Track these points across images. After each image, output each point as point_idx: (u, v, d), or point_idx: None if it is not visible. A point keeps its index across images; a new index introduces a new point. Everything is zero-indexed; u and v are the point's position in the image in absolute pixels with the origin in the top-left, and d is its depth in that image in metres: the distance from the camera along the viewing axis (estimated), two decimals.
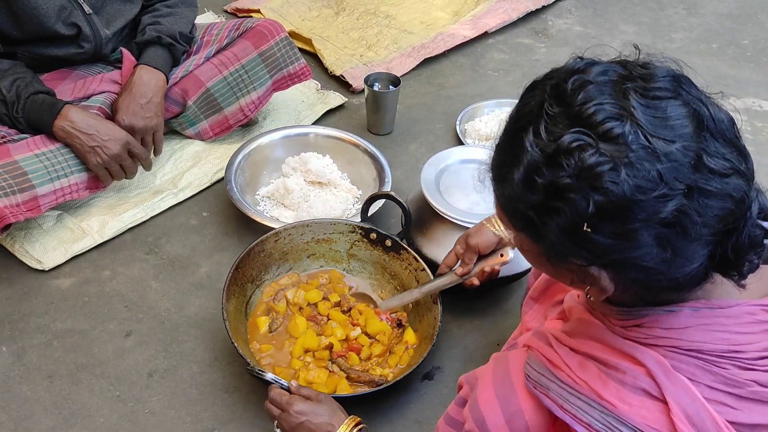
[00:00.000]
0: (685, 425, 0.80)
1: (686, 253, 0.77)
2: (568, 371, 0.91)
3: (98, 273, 1.68)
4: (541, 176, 0.77)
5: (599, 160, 0.73)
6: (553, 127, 0.77)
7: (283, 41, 1.97)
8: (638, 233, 0.75)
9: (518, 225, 0.85)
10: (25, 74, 1.68)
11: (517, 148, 0.80)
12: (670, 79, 0.78)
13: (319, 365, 1.43)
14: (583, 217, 0.75)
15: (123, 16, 1.84)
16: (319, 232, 1.63)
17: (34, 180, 1.60)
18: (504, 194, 0.84)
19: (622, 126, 0.73)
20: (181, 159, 1.97)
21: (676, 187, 0.73)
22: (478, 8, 2.71)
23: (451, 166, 1.65)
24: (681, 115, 0.75)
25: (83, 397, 1.43)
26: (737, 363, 0.83)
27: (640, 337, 0.87)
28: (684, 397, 0.81)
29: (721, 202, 0.76)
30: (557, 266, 0.86)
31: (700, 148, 0.75)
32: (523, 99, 0.84)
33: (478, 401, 0.98)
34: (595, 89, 0.76)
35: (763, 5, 3.00)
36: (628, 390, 0.84)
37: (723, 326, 0.84)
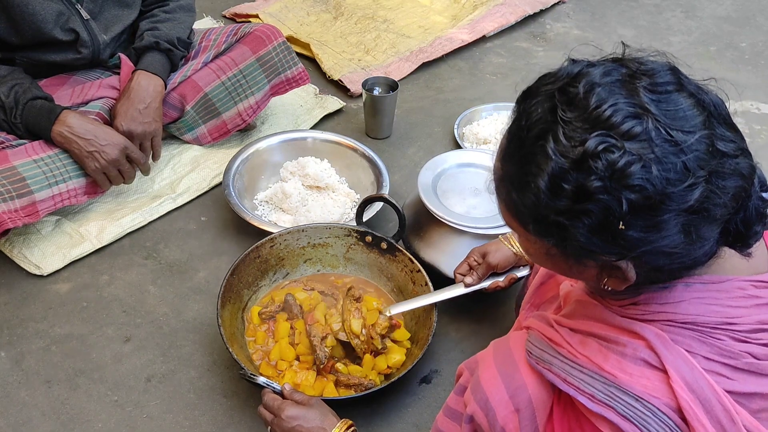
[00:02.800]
0: (684, 392, 0.82)
1: (705, 235, 0.81)
2: (569, 348, 0.93)
3: (96, 278, 1.69)
4: (567, 182, 0.78)
5: (629, 160, 0.75)
6: (572, 132, 0.78)
7: (280, 46, 1.97)
8: (667, 223, 0.77)
9: (542, 232, 0.84)
10: (23, 80, 1.68)
11: (537, 157, 0.80)
12: (671, 73, 0.80)
13: (305, 368, 1.43)
14: (617, 216, 0.76)
15: (121, 21, 1.84)
16: (315, 236, 1.63)
17: (32, 185, 1.61)
18: (525, 204, 0.83)
19: (642, 123, 0.75)
20: (180, 164, 1.97)
21: (699, 174, 0.76)
22: (476, 12, 2.71)
23: (449, 170, 1.65)
24: (690, 106, 0.78)
25: (81, 402, 1.43)
26: (731, 335, 0.85)
27: (637, 314, 0.90)
28: (683, 366, 0.84)
29: (735, 182, 0.79)
30: (581, 264, 0.86)
31: (712, 134, 0.78)
32: (525, 108, 0.84)
33: (481, 381, 1.00)
34: (605, 91, 0.78)
35: (761, 8, 3.01)
36: (628, 361, 0.86)
37: (716, 300, 0.87)
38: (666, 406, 0.83)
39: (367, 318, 1.44)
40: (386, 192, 1.80)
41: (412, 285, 1.56)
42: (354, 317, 1.43)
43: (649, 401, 0.83)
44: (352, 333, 1.42)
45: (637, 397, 0.84)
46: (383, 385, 1.37)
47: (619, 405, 0.84)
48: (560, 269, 0.92)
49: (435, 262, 1.57)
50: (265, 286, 1.60)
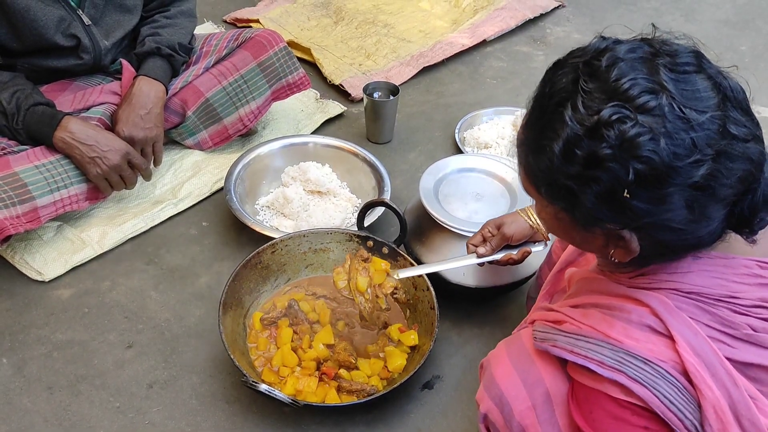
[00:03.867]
0: (690, 355, 0.86)
1: (710, 213, 0.84)
2: (572, 321, 0.96)
3: (98, 284, 1.69)
4: (580, 148, 0.82)
5: (639, 131, 0.78)
6: (591, 102, 0.82)
7: (281, 51, 1.98)
8: (672, 197, 0.81)
9: (554, 196, 0.89)
10: (25, 86, 1.68)
11: (555, 123, 0.84)
12: (693, 55, 0.84)
13: (307, 374, 1.43)
14: (623, 185, 0.80)
15: (122, 27, 1.85)
16: (316, 242, 1.63)
17: (34, 191, 1.61)
18: (540, 167, 0.88)
19: (657, 99, 0.79)
20: (181, 169, 1.97)
21: (707, 153, 0.79)
22: (476, 17, 2.72)
23: (450, 175, 1.65)
24: (707, 88, 0.82)
25: (83, 409, 1.43)
26: (732, 307, 0.89)
27: (644, 283, 0.93)
28: (687, 331, 0.87)
29: (742, 165, 0.82)
30: (588, 232, 0.90)
31: (725, 116, 0.81)
32: (551, 77, 0.88)
33: (495, 376, 1.02)
34: (626, 65, 0.82)
35: (760, 11, 3.01)
36: (634, 327, 0.89)
37: (721, 274, 0.90)
38: (674, 369, 0.86)
39: (374, 277, 1.43)
40: (387, 197, 1.80)
41: (413, 290, 1.56)
42: (361, 275, 1.42)
43: (658, 364, 0.86)
44: (358, 290, 1.41)
45: (646, 360, 0.87)
46: (385, 390, 1.37)
47: (630, 369, 0.87)
48: (570, 237, 0.96)
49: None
50: (266, 291, 1.60)
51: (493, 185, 1.63)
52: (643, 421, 0.87)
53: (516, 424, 0.99)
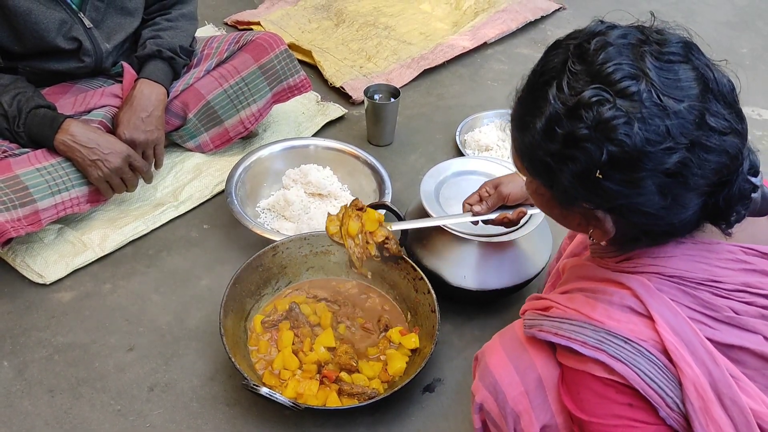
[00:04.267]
0: (669, 334, 0.88)
1: (683, 201, 0.86)
2: (557, 306, 0.99)
3: (99, 286, 1.69)
4: (561, 126, 0.85)
5: (615, 114, 0.81)
6: (575, 83, 0.84)
7: (282, 54, 1.98)
8: (644, 181, 0.83)
9: (535, 171, 0.93)
10: (26, 89, 1.68)
11: (540, 101, 0.87)
12: (682, 45, 0.86)
13: (308, 377, 1.43)
14: (597, 165, 0.83)
15: (123, 29, 1.85)
16: (317, 244, 1.63)
17: (35, 194, 1.61)
18: (524, 142, 0.92)
19: (637, 85, 0.81)
20: (182, 172, 1.98)
21: (680, 141, 0.81)
22: (477, 19, 2.72)
23: (451, 178, 1.66)
24: (690, 78, 0.83)
25: (84, 412, 1.43)
26: (714, 291, 0.91)
27: (629, 267, 0.96)
28: (666, 312, 0.89)
29: (718, 157, 0.84)
30: (566, 209, 0.94)
31: (704, 107, 0.83)
32: (546, 56, 0.92)
33: (489, 365, 1.05)
34: (614, 50, 0.84)
35: (760, 13, 3.01)
36: (615, 309, 0.92)
37: (705, 258, 0.92)
38: (654, 348, 0.88)
39: (366, 224, 1.45)
40: (388, 199, 1.80)
41: (414, 293, 1.56)
42: (353, 220, 1.44)
43: (638, 343, 0.89)
44: (349, 235, 1.43)
45: (627, 339, 0.89)
46: (386, 393, 1.37)
47: (611, 347, 0.89)
48: (552, 213, 1.00)
49: (438, 270, 1.56)
50: (267, 294, 1.60)
51: None
52: (627, 399, 0.89)
53: (510, 410, 1.01)
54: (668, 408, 0.88)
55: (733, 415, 0.87)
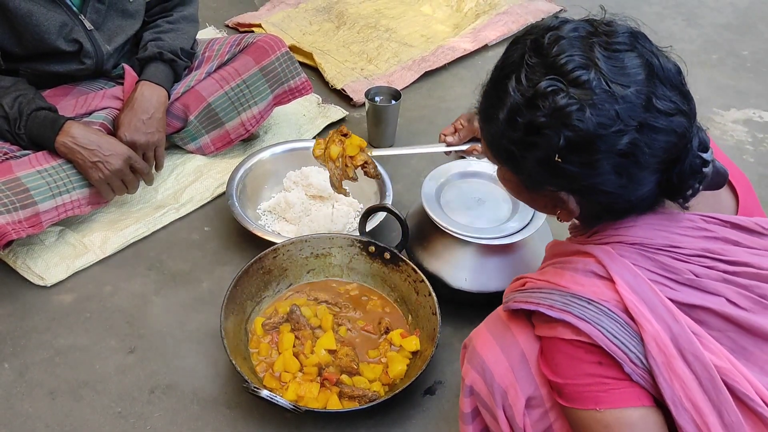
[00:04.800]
0: (629, 293, 0.93)
1: (639, 179, 0.92)
2: (530, 280, 1.06)
3: (100, 289, 1.69)
4: (521, 116, 0.92)
5: (569, 102, 0.88)
6: (532, 75, 0.91)
7: (283, 56, 1.98)
8: (600, 162, 0.90)
9: (502, 158, 1.01)
10: (27, 91, 1.69)
11: (501, 93, 0.95)
12: (629, 35, 0.93)
13: (308, 379, 1.43)
14: (555, 150, 0.90)
15: (124, 32, 1.85)
16: (318, 246, 1.63)
17: (36, 196, 1.61)
18: (490, 132, 1.00)
19: (588, 74, 0.88)
20: (183, 174, 1.98)
21: (630, 123, 0.88)
22: (478, 21, 2.72)
23: (452, 180, 1.65)
24: (636, 65, 0.90)
25: (85, 414, 1.43)
26: (674, 256, 0.97)
27: (595, 239, 1.03)
28: (626, 273, 0.95)
29: (666, 137, 0.90)
30: (534, 193, 1.02)
31: (650, 91, 0.89)
32: (507, 52, 0.99)
33: (476, 348, 1.10)
34: (566, 43, 0.91)
35: (762, 16, 3.01)
36: (580, 275, 0.98)
37: (664, 227, 0.98)
38: (615, 307, 0.93)
39: (347, 149, 1.57)
40: (389, 202, 1.80)
41: (415, 295, 1.56)
42: (335, 144, 1.57)
43: (601, 303, 0.94)
44: (330, 158, 1.55)
45: (590, 300, 0.94)
46: (387, 396, 1.37)
47: (575, 308, 0.95)
48: (523, 198, 1.07)
49: (438, 272, 1.56)
50: (268, 297, 1.60)
51: (495, 190, 1.63)
52: (596, 357, 0.94)
53: (497, 386, 1.06)
54: (632, 363, 0.92)
55: (696, 370, 0.91)
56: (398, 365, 1.45)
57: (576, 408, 0.96)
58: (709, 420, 0.90)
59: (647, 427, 0.92)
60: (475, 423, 1.18)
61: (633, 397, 0.93)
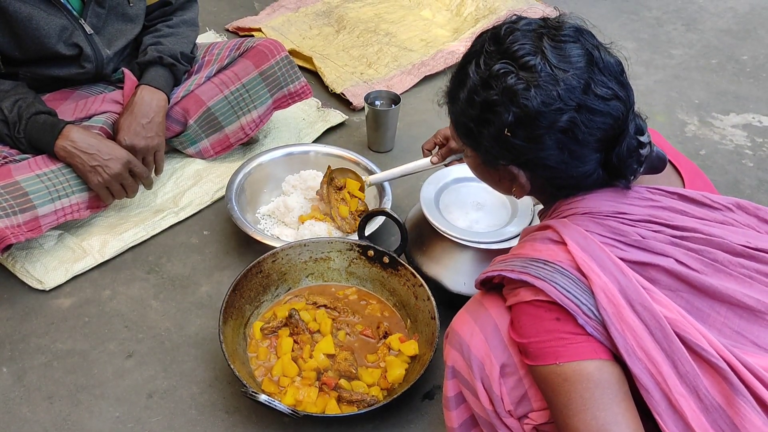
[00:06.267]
0: (579, 252, 1.01)
1: (580, 156, 1.03)
2: (500, 257, 1.13)
3: (99, 293, 1.68)
4: (478, 95, 1.04)
5: (517, 82, 1.00)
6: (489, 60, 1.04)
7: (283, 60, 1.98)
8: (543, 138, 1.01)
9: (463, 135, 1.12)
10: (26, 95, 1.69)
11: (463, 76, 1.08)
12: (574, 29, 1.04)
13: (307, 384, 1.43)
14: (505, 125, 1.02)
15: (124, 36, 1.85)
16: (317, 251, 1.63)
17: (35, 200, 1.61)
18: (454, 112, 1.12)
19: (535, 59, 1.00)
20: (182, 178, 1.98)
21: (569, 103, 0.99)
22: (477, 25, 2.72)
23: (451, 184, 1.65)
24: (577, 54, 1.01)
25: (83, 419, 1.42)
26: (622, 221, 1.05)
27: (554, 216, 1.12)
28: (577, 236, 1.03)
29: (603, 118, 1.00)
30: (491, 169, 1.13)
31: (589, 77, 1.00)
32: (472, 43, 1.11)
33: (455, 328, 1.16)
34: (520, 34, 1.03)
35: (762, 21, 3.02)
36: (538, 242, 1.07)
37: (612, 197, 1.08)
38: (569, 266, 1.01)
39: (350, 205, 1.78)
40: (388, 206, 1.80)
41: (414, 299, 1.56)
42: (342, 205, 1.77)
43: (555, 262, 1.02)
44: (341, 216, 1.76)
45: (546, 262, 1.03)
46: (386, 401, 1.36)
47: (532, 269, 1.03)
48: (483, 176, 1.18)
49: (437, 277, 1.56)
50: (267, 301, 1.60)
51: (494, 195, 1.63)
52: (554, 314, 1.00)
53: (474, 358, 1.12)
54: (585, 316, 0.98)
55: (645, 320, 0.97)
56: (397, 370, 1.45)
57: (539, 365, 1.01)
58: (663, 369, 0.95)
59: (603, 377, 0.97)
60: (459, 410, 1.21)
61: (589, 350, 0.98)
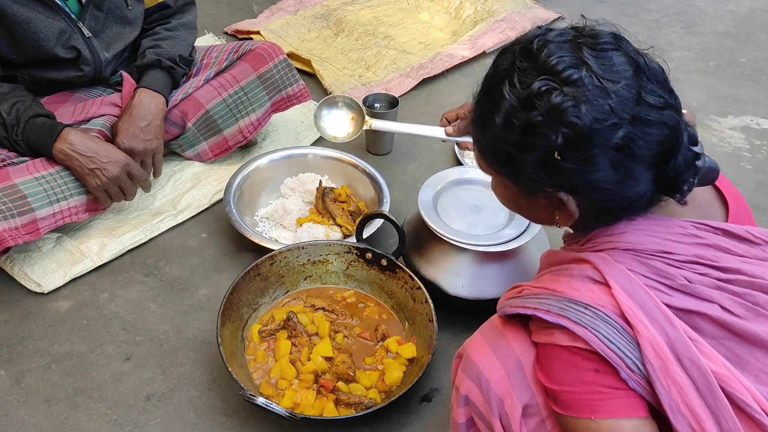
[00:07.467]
0: (625, 298, 0.93)
1: (635, 174, 0.94)
2: (526, 287, 1.06)
3: (97, 295, 1.68)
4: (517, 118, 0.94)
5: (564, 99, 0.90)
6: (525, 78, 0.94)
7: (281, 63, 1.98)
8: (597, 158, 0.91)
9: (499, 164, 1.01)
10: (25, 97, 1.69)
11: (496, 98, 0.97)
12: (612, 36, 0.96)
13: (305, 387, 1.43)
14: (554, 148, 0.92)
15: (123, 39, 1.85)
16: (315, 253, 1.63)
17: (33, 203, 1.61)
18: (486, 139, 1.01)
19: (578, 72, 0.91)
20: (181, 180, 1.98)
21: (623, 117, 0.90)
22: (476, 28, 2.73)
23: (449, 187, 1.65)
24: (623, 63, 0.93)
25: (81, 422, 1.42)
26: (667, 261, 0.97)
27: (589, 247, 1.03)
28: (622, 278, 0.95)
29: (659, 129, 0.92)
30: (532, 198, 1.02)
31: (640, 86, 0.92)
32: (496, 61, 1.02)
33: (471, 356, 1.09)
34: (555, 46, 0.94)
35: (761, 24, 3.02)
36: (576, 280, 0.98)
37: (656, 233, 0.99)
38: (612, 312, 0.93)
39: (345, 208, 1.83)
40: (386, 208, 1.80)
41: (412, 302, 1.56)
42: (342, 215, 1.80)
43: (597, 308, 0.94)
44: (342, 224, 1.80)
45: (587, 306, 0.94)
46: (384, 403, 1.36)
47: (572, 313, 0.94)
48: (520, 207, 1.08)
49: (435, 279, 1.56)
50: (265, 303, 1.60)
51: (492, 197, 1.61)
52: (593, 365, 0.93)
53: (493, 395, 1.05)
54: (629, 369, 0.92)
55: (693, 375, 0.91)
56: (395, 372, 1.45)
57: (571, 416, 0.95)
58: (706, 426, 0.90)
59: None
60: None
61: (629, 407, 0.92)
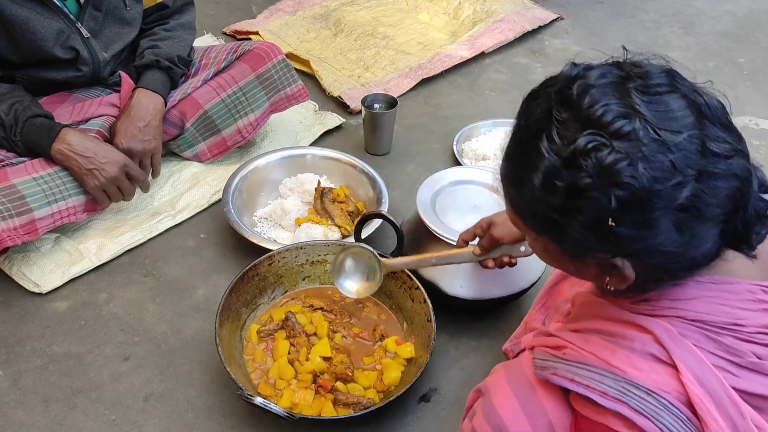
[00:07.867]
0: (695, 386, 0.83)
1: (702, 234, 0.82)
2: (572, 347, 0.93)
3: (95, 296, 1.68)
4: (560, 179, 0.80)
5: (616, 158, 0.77)
6: (565, 132, 0.80)
7: (280, 63, 1.98)
8: (658, 221, 0.79)
9: (539, 228, 0.88)
10: (23, 98, 1.69)
11: (532, 155, 0.83)
12: (665, 75, 0.82)
13: (303, 387, 1.43)
14: (607, 212, 0.79)
15: (121, 39, 1.85)
16: (314, 254, 1.63)
17: (31, 203, 1.61)
18: (523, 199, 0.87)
19: (631, 123, 0.77)
20: (179, 181, 1.97)
21: (688, 173, 0.77)
22: (475, 29, 2.73)
23: (448, 187, 1.65)
24: (681, 107, 0.80)
25: (79, 422, 1.42)
26: (737, 335, 0.86)
27: (647, 310, 0.91)
28: (691, 360, 0.84)
29: (728, 182, 0.80)
30: (580, 262, 0.89)
31: (703, 134, 0.79)
32: (527, 108, 0.87)
33: (495, 404, 0.99)
34: (598, 92, 0.80)
35: (760, 24, 3.02)
36: (636, 356, 0.87)
37: (726, 300, 0.88)
38: (677, 400, 0.83)
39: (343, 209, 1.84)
40: (385, 209, 1.80)
41: (410, 302, 1.55)
42: (340, 216, 1.80)
43: (661, 395, 0.84)
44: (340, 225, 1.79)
45: (649, 392, 0.84)
46: (382, 403, 1.36)
47: (632, 400, 0.84)
48: (564, 267, 0.94)
49: (433, 279, 1.56)
50: (263, 304, 1.60)
51: (491, 197, 1.63)
52: None
53: None
54: None
55: None
56: (393, 372, 1.45)
57: None
58: None
59: None
60: None
61: None
